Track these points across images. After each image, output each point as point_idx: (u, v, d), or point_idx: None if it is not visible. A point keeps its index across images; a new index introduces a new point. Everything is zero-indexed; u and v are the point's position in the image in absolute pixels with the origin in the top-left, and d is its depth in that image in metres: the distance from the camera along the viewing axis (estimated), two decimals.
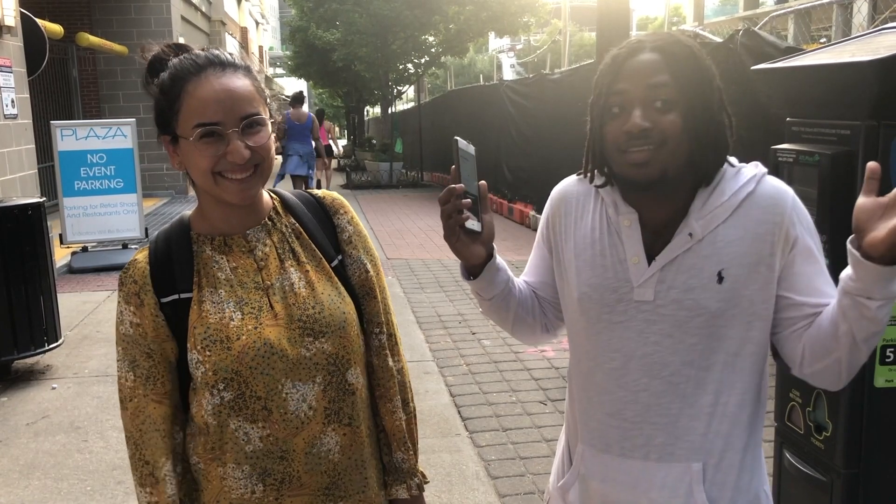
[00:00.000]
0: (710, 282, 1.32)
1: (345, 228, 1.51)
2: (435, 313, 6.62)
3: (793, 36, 9.67)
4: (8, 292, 4.91)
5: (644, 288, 1.35)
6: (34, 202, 5.17)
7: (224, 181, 1.32)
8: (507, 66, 43.05)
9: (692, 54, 1.31)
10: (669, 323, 1.34)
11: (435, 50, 20.51)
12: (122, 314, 1.38)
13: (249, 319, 1.35)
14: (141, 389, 1.37)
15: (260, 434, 1.35)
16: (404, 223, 12.34)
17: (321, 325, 1.38)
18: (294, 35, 24.98)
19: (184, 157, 1.34)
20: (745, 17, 13.64)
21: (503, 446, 3.98)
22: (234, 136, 1.29)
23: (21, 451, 4.00)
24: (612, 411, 1.40)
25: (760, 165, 1.40)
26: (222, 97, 1.29)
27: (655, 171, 1.29)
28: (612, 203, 1.40)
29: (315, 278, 1.42)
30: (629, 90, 1.30)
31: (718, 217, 1.33)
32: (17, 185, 7.86)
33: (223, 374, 1.33)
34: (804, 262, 1.34)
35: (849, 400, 2.10)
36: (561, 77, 10.69)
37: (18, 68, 7.98)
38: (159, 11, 15.31)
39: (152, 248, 1.40)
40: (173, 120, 1.32)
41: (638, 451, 1.39)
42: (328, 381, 1.39)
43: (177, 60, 1.34)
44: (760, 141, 5.16)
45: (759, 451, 1.43)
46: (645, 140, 1.28)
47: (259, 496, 1.37)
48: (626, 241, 1.38)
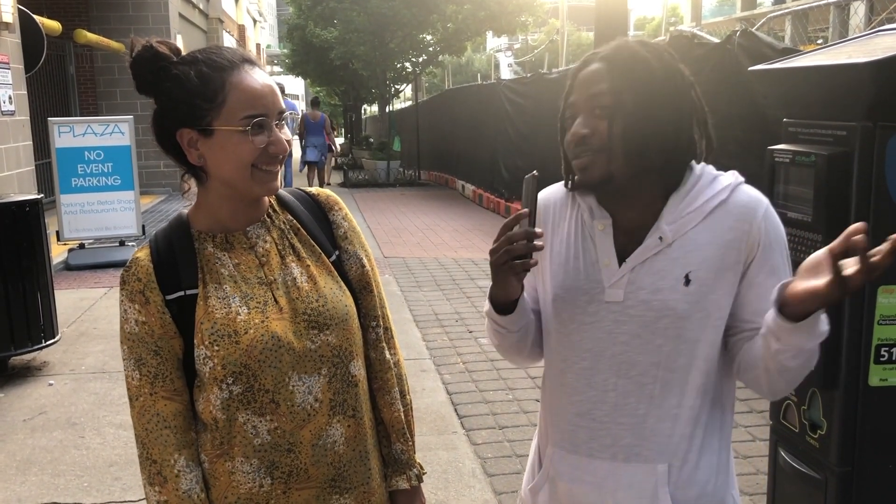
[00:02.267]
0: (676, 284, 1.35)
1: (340, 224, 1.53)
2: (432, 311, 6.63)
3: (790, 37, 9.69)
4: (5, 289, 4.91)
5: (614, 289, 1.39)
6: (31, 199, 5.16)
7: (259, 173, 1.34)
8: (505, 65, 43.10)
9: (639, 62, 1.35)
10: (637, 323, 1.37)
11: (433, 49, 20.52)
12: (127, 313, 1.37)
13: (256, 314, 1.36)
14: (147, 388, 1.36)
15: (268, 427, 1.36)
16: (401, 222, 12.34)
17: (325, 317, 1.40)
18: (292, 33, 24.95)
19: (216, 149, 1.33)
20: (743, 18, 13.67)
21: (499, 444, 3.99)
22: (276, 129, 1.34)
23: (18, 447, 4.00)
24: (582, 411, 1.43)
25: (738, 175, 1.41)
26: (266, 91, 1.33)
27: (596, 175, 1.35)
28: (588, 208, 1.44)
29: (316, 272, 1.44)
30: (576, 100, 1.39)
31: (690, 222, 1.36)
32: (14, 182, 7.85)
33: (232, 368, 1.34)
34: (765, 275, 1.36)
35: (843, 398, 2.11)
36: (558, 76, 10.69)
37: (16, 65, 7.97)
38: (157, 9, 15.29)
39: (154, 247, 1.40)
40: (211, 112, 1.32)
41: (605, 452, 1.41)
42: (333, 374, 1.41)
43: (205, 56, 1.35)
44: (757, 141, 5.18)
45: (726, 454, 1.46)
46: (584, 146, 1.35)
47: (267, 490, 1.38)
48: (598, 245, 1.42)
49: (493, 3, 17.47)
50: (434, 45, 20.41)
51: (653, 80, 1.34)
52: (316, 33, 20.16)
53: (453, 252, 9.46)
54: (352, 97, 30.03)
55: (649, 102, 1.33)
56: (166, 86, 1.33)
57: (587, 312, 1.41)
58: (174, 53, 1.35)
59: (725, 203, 1.36)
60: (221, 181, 1.37)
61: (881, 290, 2.06)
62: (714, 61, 5.93)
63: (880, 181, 2.02)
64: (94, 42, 13.42)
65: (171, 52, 1.35)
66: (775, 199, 2.31)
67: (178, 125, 1.35)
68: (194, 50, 1.38)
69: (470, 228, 11.55)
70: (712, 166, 1.43)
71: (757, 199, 1.38)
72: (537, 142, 11.13)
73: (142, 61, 1.33)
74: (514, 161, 12.51)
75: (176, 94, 1.33)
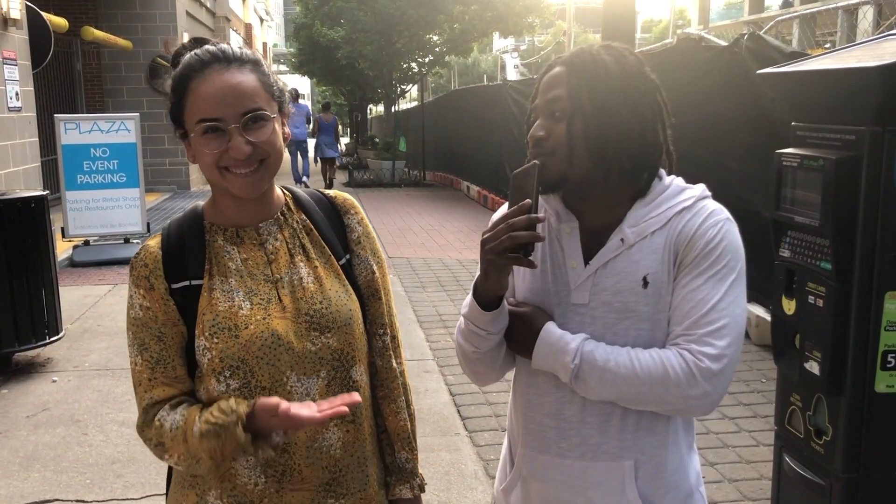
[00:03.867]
0: (635, 286, 1.36)
1: (354, 229, 1.52)
2: (435, 312, 6.62)
3: (797, 40, 9.67)
4: (10, 285, 4.92)
5: (580, 291, 1.40)
6: (37, 195, 5.17)
7: (229, 175, 1.34)
8: (511, 66, 43.04)
9: (597, 65, 1.36)
10: (601, 325, 1.39)
11: (439, 49, 20.49)
12: (133, 298, 1.38)
13: (258, 310, 1.37)
14: (147, 374, 1.37)
15: None
16: (406, 222, 12.34)
17: (328, 320, 1.40)
18: (298, 32, 24.97)
19: (194, 150, 1.37)
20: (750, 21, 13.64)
21: (502, 446, 3.98)
22: (235, 132, 1.31)
23: (21, 443, 4.01)
24: (551, 412, 1.45)
25: (706, 189, 1.42)
26: (222, 94, 1.31)
27: (552, 176, 1.38)
28: (555, 212, 1.46)
29: (323, 274, 1.43)
30: (538, 104, 1.43)
31: (651, 226, 1.38)
32: (20, 178, 7.87)
33: (229, 362, 1.34)
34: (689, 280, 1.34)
35: (849, 404, 2.10)
36: None
37: (23, 61, 7.99)
38: (164, 6, 15.32)
39: (165, 235, 1.41)
40: (182, 116, 1.35)
41: (574, 451, 1.43)
42: (332, 377, 1.41)
43: (186, 57, 1.37)
44: (764, 145, 5.17)
45: (686, 449, 1.47)
46: (539, 149, 1.39)
47: (261, 488, 1.38)
48: (565, 247, 1.43)
49: (499, 5, 17.45)
50: (440, 46, 20.39)
51: (610, 83, 1.35)
52: (322, 32, 20.15)
53: (457, 253, 9.46)
54: (358, 97, 30.06)
55: (606, 104, 1.35)
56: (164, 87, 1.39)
57: (555, 314, 1.43)
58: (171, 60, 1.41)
59: (685, 210, 1.38)
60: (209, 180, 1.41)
61: (888, 296, 2.05)
62: (721, 64, 5.92)
63: (889, 185, 2.01)
64: (102, 39, 13.46)
65: (166, 60, 1.42)
66: (783, 203, 2.30)
67: (174, 126, 1.40)
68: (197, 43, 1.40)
69: (474, 229, 11.54)
70: (682, 179, 1.45)
71: (714, 210, 1.38)
72: None
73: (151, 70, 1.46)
74: (519, 162, 12.32)
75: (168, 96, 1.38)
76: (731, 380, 1.33)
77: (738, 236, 1.37)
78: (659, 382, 1.31)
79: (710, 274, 1.33)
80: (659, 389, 1.31)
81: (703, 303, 1.32)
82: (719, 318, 1.31)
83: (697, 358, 1.30)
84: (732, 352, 1.31)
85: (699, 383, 1.29)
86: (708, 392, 1.30)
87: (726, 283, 1.33)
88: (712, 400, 1.32)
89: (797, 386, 2.29)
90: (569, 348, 1.36)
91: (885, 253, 2.03)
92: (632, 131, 1.36)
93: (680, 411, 1.36)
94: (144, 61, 15.07)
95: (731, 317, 1.31)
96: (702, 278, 1.33)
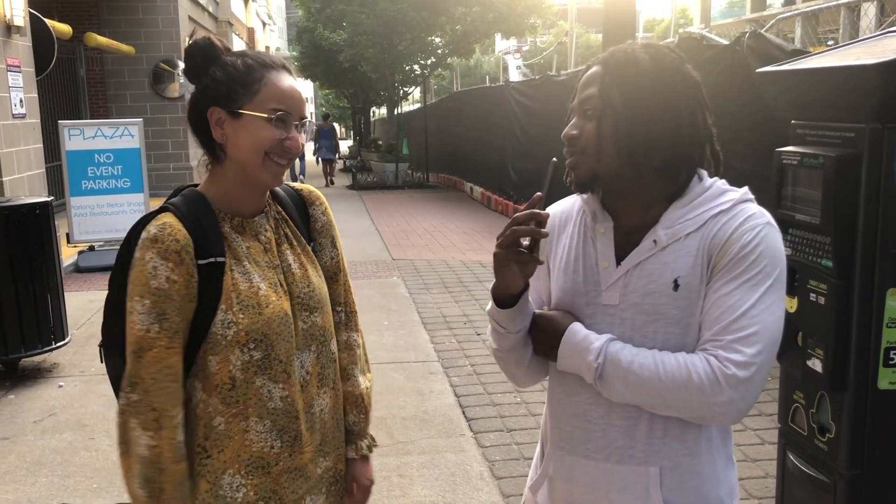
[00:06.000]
0: (666, 288, 1.34)
1: (318, 218, 1.69)
2: (440, 314, 6.63)
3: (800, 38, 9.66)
4: (16, 290, 4.94)
5: (610, 292, 1.39)
6: (42, 201, 5.20)
7: (270, 162, 1.48)
8: (513, 67, 43.05)
9: (630, 63, 1.35)
10: (629, 326, 1.37)
11: (441, 51, 20.53)
12: (157, 269, 1.41)
13: (271, 291, 1.51)
14: (164, 342, 1.42)
15: (281, 394, 1.51)
16: (409, 224, 12.35)
17: (314, 301, 1.58)
18: (301, 36, 25.02)
19: (240, 130, 1.46)
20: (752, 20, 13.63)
21: (507, 447, 3.99)
22: (298, 129, 1.51)
23: (28, 448, 4.02)
24: (578, 412, 1.44)
25: (748, 193, 1.38)
26: (296, 94, 1.51)
27: (583, 174, 1.38)
28: (592, 212, 1.45)
29: (305, 260, 1.61)
30: (574, 103, 1.43)
31: (686, 228, 1.35)
32: (24, 184, 7.90)
33: (254, 335, 1.47)
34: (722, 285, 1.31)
35: (852, 402, 2.11)
36: (567, 78, 10.69)
37: (27, 68, 8.02)
38: (167, 12, 15.35)
39: (181, 215, 1.46)
40: (244, 98, 1.46)
41: (600, 453, 1.42)
42: (320, 350, 1.60)
43: (252, 52, 1.53)
44: (766, 143, 5.16)
45: (722, 461, 1.42)
46: (572, 147, 1.39)
47: (277, 451, 1.51)
48: (599, 247, 1.42)
49: (501, 6, 17.47)
50: (442, 48, 20.42)
51: (641, 80, 1.33)
52: (325, 36, 20.20)
53: (461, 254, 9.47)
54: (360, 99, 30.09)
55: (637, 102, 1.33)
56: (212, 69, 1.49)
57: (585, 314, 1.42)
58: (226, 50, 1.53)
59: (722, 213, 1.34)
60: (237, 162, 1.49)
61: (890, 293, 2.05)
62: (723, 63, 5.92)
63: (889, 183, 2.01)
64: (105, 45, 13.49)
65: (223, 48, 1.52)
66: (783, 201, 2.31)
67: (211, 103, 1.48)
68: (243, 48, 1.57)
69: (478, 230, 11.55)
70: (725, 181, 1.40)
71: (753, 213, 1.34)
72: (546, 144, 11.12)
73: (197, 48, 1.51)
74: (522, 163, 12.51)
75: (219, 76, 1.48)
76: (761, 389, 1.29)
77: (777, 241, 1.33)
78: (682, 387, 1.28)
79: (744, 279, 1.29)
80: (682, 394, 1.28)
81: (734, 308, 1.28)
82: (750, 324, 1.27)
83: (724, 364, 1.26)
84: (762, 360, 1.26)
85: (724, 390, 1.26)
86: (733, 400, 1.26)
87: (760, 289, 1.28)
88: (738, 408, 1.27)
89: (800, 383, 2.30)
90: (592, 347, 1.35)
91: (885, 250, 2.04)
92: (664, 129, 1.33)
93: (705, 419, 1.32)
94: (147, 67, 15.10)
95: (763, 324, 1.27)
96: (735, 283, 1.29)
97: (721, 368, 1.26)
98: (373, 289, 7.58)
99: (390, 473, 3.67)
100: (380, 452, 3.90)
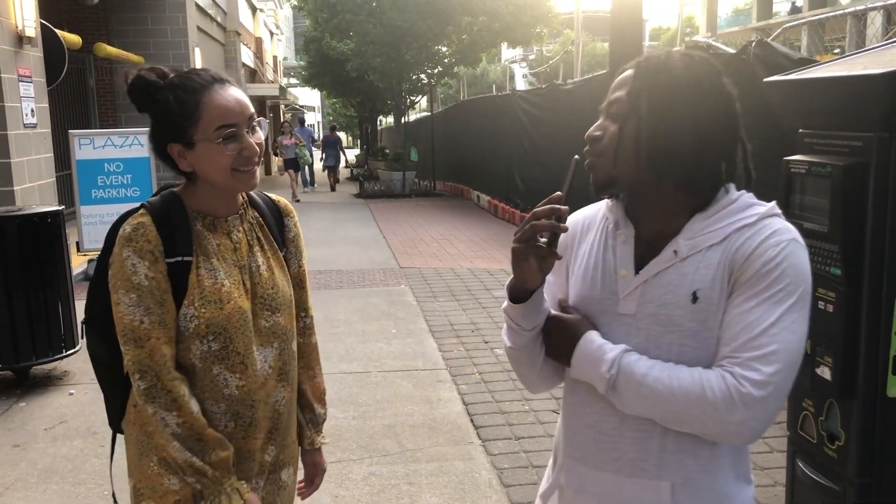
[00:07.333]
0: (684, 300, 1.31)
1: (291, 229, 1.84)
2: (447, 322, 6.64)
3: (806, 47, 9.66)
4: (27, 299, 4.98)
5: (627, 301, 1.37)
6: (53, 210, 5.23)
7: (238, 174, 1.59)
8: (520, 76, 43.12)
9: (662, 70, 1.33)
10: (644, 337, 1.35)
11: (448, 60, 20.58)
12: (136, 266, 1.56)
13: (234, 288, 1.63)
14: (156, 332, 1.57)
15: (237, 383, 1.64)
16: (417, 232, 12.37)
17: (278, 302, 1.71)
18: (308, 45, 25.12)
19: (200, 159, 1.58)
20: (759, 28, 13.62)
21: (516, 454, 3.99)
22: (247, 135, 1.59)
23: (39, 455, 4.05)
24: (591, 423, 1.42)
25: (776, 208, 1.34)
26: (234, 103, 1.58)
27: (600, 176, 1.37)
28: (615, 220, 1.44)
29: (274, 264, 1.74)
30: (603, 105, 1.41)
31: (708, 240, 1.32)
32: (35, 193, 7.96)
33: (214, 328, 1.61)
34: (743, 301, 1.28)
35: (861, 409, 2.11)
36: (573, 87, 10.71)
37: (38, 78, 8.09)
38: (175, 22, 15.46)
39: (154, 215, 1.60)
40: (191, 128, 1.56)
41: (612, 465, 1.40)
42: (282, 348, 1.74)
43: (181, 80, 1.58)
44: (773, 152, 5.17)
45: (737, 479, 1.39)
46: (592, 148, 1.38)
47: (231, 431, 1.66)
48: (618, 255, 1.41)
49: (508, 15, 17.52)
50: (449, 57, 20.47)
51: (671, 88, 1.31)
52: (332, 45, 20.29)
53: (469, 262, 9.48)
54: (367, 108, 30.16)
55: (663, 109, 1.30)
56: (154, 108, 1.60)
57: (601, 323, 1.40)
58: (161, 78, 1.60)
59: (747, 227, 1.30)
60: (209, 182, 1.62)
61: None
62: (730, 72, 5.92)
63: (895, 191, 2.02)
64: (114, 55, 13.59)
65: (158, 78, 1.59)
66: (791, 209, 2.32)
67: (166, 141, 1.60)
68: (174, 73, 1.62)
69: (485, 239, 11.56)
70: (753, 195, 1.36)
71: (778, 229, 1.30)
72: (553, 152, 11.14)
73: (135, 88, 1.59)
74: (529, 172, 12.53)
75: (161, 116, 1.59)
76: (778, 410, 1.26)
77: (803, 259, 1.28)
78: (695, 403, 1.25)
79: (766, 296, 1.25)
80: (695, 410, 1.25)
81: (754, 326, 1.25)
82: (769, 342, 1.23)
83: (739, 382, 1.23)
84: (780, 380, 1.23)
85: (738, 409, 1.22)
86: (747, 419, 1.23)
87: (782, 306, 1.24)
88: (752, 428, 1.24)
89: (809, 391, 2.30)
90: (606, 357, 1.33)
91: (894, 258, 2.04)
92: (687, 142, 1.30)
93: (718, 436, 1.29)
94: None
95: (783, 343, 1.23)
96: (755, 300, 1.26)
97: (736, 386, 1.23)
98: (380, 297, 7.60)
99: (399, 481, 3.68)
100: (388, 460, 3.92)
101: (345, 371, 5.35)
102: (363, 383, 5.10)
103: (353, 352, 5.77)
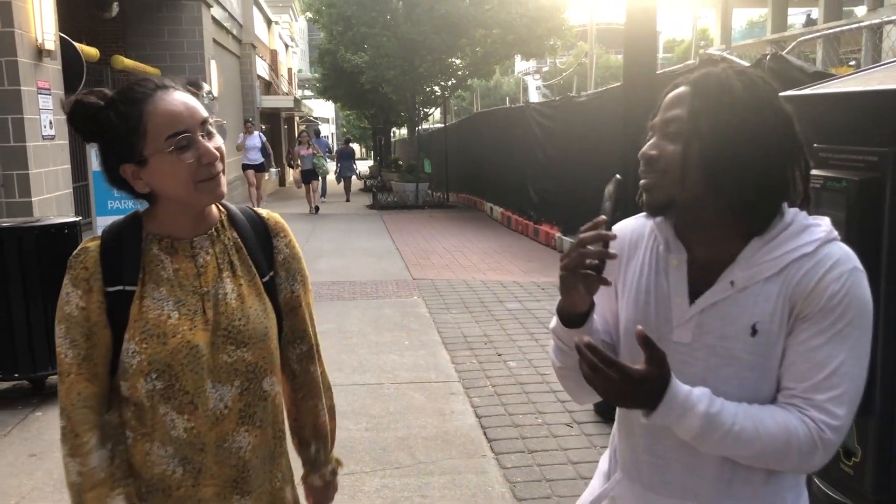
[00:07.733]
0: (743, 333, 1.29)
1: (281, 251, 1.64)
2: (461, 334, 6.64)
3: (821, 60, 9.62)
4: (45, 309, 5.02)
5: (683, 329, 1.35)
6: (70, 221, 5.29)
7: (201, 184, 1.44)
8: (533, 88, 43.22)
9: (724, 90, 1.29)
10: (702, 367, 1.33)
11: (461, 72, 20.64)
12: (69, 295, 1.45)
13: (185, 320, 1.46)
14: (75, 368, 1.45)
15: (185, 425, 1.47)
16: (430, 243, 12.39)
17: (244, 336, 1.51)
18: (323, 58, 25.29)
19: (156, 175, 1.44)
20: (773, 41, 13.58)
21: (529, 468, 3.98)
22: (201, 140, 1.43)
23: (55, 465, 4.07)
24: (645, 445, 1.42)
25: (833, 231, 1.32)
26: (182, 107, 1.43)
27: (658, 197, 1.33)
28: (665, 240, 1.40)
29: (246, 292, 1.54)
30: (656, 122, 1.37)
31: (765, 271, 1.29)
32: (53, 204, 8.04)
33: (157, 366, 1.44)
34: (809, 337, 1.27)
35: (878, 426, 2.09)
36: (587, 99, 10.73)
37: (57, 91, 8.18)
38: (192, 35, 15.61)
39: (104, 239, 1.49)
40: (139, 143, 1.42)
41: (664, 489, 1.40)
42: (245, 387, 1.52)
43: (120, 95, 1.45)
44: None
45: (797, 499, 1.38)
46: (650, 168, 1.34)
47: (179, 478, 1.49)
48: (672, 281, 1.38)
49: (521, 28, 17.57)
50: (463, 69, 20.54)
51: (734, 110, 1.27)
52: (346, 58, 20.41)
53: (482, 274, 9.48)
54: (381, 120, 30.30)
55: (727, 132, 1.27)
56: (97, 131, 1.45)
57: None
58: (101, 99, 1.46)
59: (807, 256, 1.28)
60: (173, 198, 1.47)
61: None
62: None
63: None
64: (131, 67, 13.72)
65: (98, 100, 1.45)
66: None
67: (118, 162, 1.46)
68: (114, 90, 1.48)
69: (498, 251, 11.56)
70: (806, 213, 1.34)
71: (839, 258, 1.27)
72: (566, 165, 11.15)
73: (75, 116, 1.45)
74: (542, 184, 12.53)
75: (106, 136, 1.44)
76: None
77: (865, 288, 1.27)
78: (780, 449, 1.25)
79: (832, 333, 1.24)
80: (777, 455, 1.26)
81: (824, 365, 1.24)
82: (840, 382, 1.23)
83: (820, 427, 1.24)
84: (850, 421, 1.26)
85: (819, 453, 1.25)
86: (824, 461, 1.26)
87: (849, 341, 1.24)
88: (822, 464, 1.27)
89: None
90: (697, 411, 1.25)
91: None
92: (751, 165, 1.27)
93: (788, 470, 1.32)
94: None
95: (852, 380, 1.24)
96: (823, 337, 1.24)
97: (818, 432, 1.24)
98: (393, 308, 7.62)
99: (412, 494, 3.68)
100: (401, 473, 3.92)
101: (357, 382, 5.36)
102: (376, 395, 5.11)
103: (366, 363, 5.78)
